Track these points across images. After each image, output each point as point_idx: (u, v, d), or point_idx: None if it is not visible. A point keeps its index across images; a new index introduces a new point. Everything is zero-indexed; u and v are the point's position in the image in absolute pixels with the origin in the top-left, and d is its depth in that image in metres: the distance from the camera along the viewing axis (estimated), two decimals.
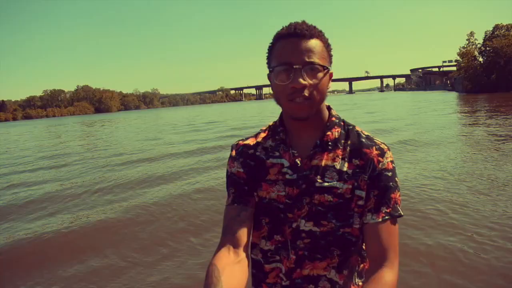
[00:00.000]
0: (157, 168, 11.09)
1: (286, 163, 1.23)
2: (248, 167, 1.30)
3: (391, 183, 1.19)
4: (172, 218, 6.29)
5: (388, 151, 1.24)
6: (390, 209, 1.18)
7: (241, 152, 1.33)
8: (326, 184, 1.19)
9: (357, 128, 1.28)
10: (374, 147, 1.22)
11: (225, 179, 1.36)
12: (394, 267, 1.14)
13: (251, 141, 1.35)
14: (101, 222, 6.34)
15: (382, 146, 1.24)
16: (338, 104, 53.73)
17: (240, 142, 1.37)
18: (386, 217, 1.16)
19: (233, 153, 1.35)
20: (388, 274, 1.11)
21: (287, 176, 1.23)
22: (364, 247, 1.27)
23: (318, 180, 1.19)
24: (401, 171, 8.18)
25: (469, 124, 17.42)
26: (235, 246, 1.17)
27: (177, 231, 5.76)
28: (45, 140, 28.54)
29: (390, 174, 1.20)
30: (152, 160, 12.89)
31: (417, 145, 11.86)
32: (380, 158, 1.20)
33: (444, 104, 36.54)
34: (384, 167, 1.20)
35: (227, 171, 1.36)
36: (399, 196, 1.20)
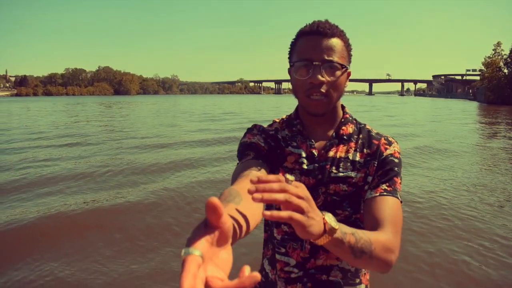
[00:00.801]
0: (170, 155, 11.18)
1: (304, 154, 1.26)
2: (269, 144, 1.30)
3: (395, 168, 1.22)
4: (180, 204, 6.37)
5: (395, 143, 1.28)
6: (391, 188, 1.18)
7: (263, 131, 1.35)
8: (341, 174, 1.22)
9: (368, 127, 1.33)
10: (382, 138, 1.27)
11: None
12: (392, 241, 1.06)
13: (268, 127, 1.38)
14: (110, 202, 6.43)
15: (390, 139, 1.29)
16: (357, 105, 53.29)
17: (259, 125, 1.39)
18: (384, 193, 1.16)
19: (254, 130, 1.35)
20: (382, 235, 1.05)
21: (304, 166, 1.25)
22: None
23: (334, 171, 1.23)
24: (413, 177, 8.14)
25: (488, 136, 17.19)
26: None
27: (184, 216, 5.83)
28: (63, 118, 28.95)
29: (396, 160, 1.23)
30: (166, 146, 13.00)
31: (432, 152, 11.75)
32: (387, 146, 1.25)
33: (464, 113, 36.10)
34: (390, 153, 1.24)
35: (244, 142, 1.32)
36: (400, 184, 1.22)
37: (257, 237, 2.09)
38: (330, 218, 0.88)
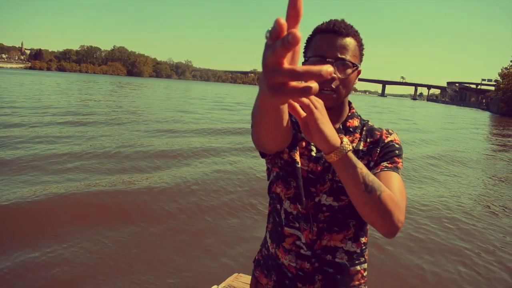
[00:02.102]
0: (178, 142, 11.23)
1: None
2: (291, 119, 1.36)
3: (396, 151, 1.28)
4: (181, 186, 6.48)
5: (395, 134, 1.35)
6: (392, 165, 1.23)
7: None
8: None
9: (370, 123, 1.40)
10: (384, 130, 1.35)
11: (240, 163, 1.33)
12: (399, 201, 1.10)
13: None
14: (112, 183, 6.56)
15: (390, 130, 1.36)
16: (369, 107, 52.93)
17: None
18: (385, 169, 1.21)
19: None
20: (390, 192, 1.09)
21: (313, 153, 1.32)
22: None
23: None
24: (417, 184, 8.14)
25: (498, 147, 17.07)
26: None
27: (184, 199, 5.95)
28: (75, 95, 29.10)
29: (397, 145, 1.30)
30: (174, 132, 13.08)
31: (440, 159, 11.70)
32: (388, 135, 1.33)
33: (477, 123, 35.80)
34: (391, 139, 1.31)
35: None
36: (402, 165, 1.27)
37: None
38: (346, 138, 0.95)
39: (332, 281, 1.31)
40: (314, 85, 0.53)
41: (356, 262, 1.34)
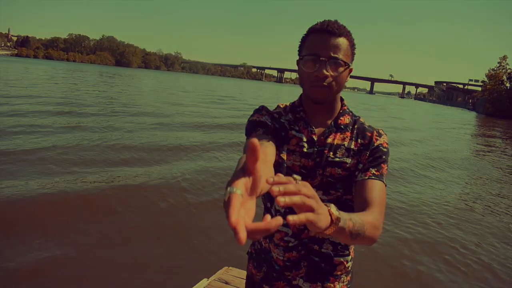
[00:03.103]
0: (164, 134, 11.22)
1: (304, 138, 1.40)
2: (275, 125, 1.43)
3: (383, 156, 1.36)
4: (168, 177, 6.46)
5: (384, 135, 1.43)
6: (378, 173, 1.32)
7: (269, 113, 1.47)
8: (337, 159, 1.36)
9: (361, 119, 1.47)
10: (374, 131, 1.42)
11: (227, 157, 1.36)
12: (378, 220, 1.19)
13: (273, 111, 1.50)
14: (97, 177, 6.52)
15: (380, 131, 1.44)
16: (358, 104, 53.18)
17: (266, 107, 1.50)
18: (373, 177, 1.30)
19: (263, 111, 1.46)
20: (370, 215, 1.18)
21: (304, 149, 1.38)
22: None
23: (331, 156, 1.37)
24: (401, 182, 8.25)
25: (483, 147, 17.32)
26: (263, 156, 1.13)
27: (172, 193, 5.93)
28: (62, 84, 28.84)
29: (384, 150, 1.38)
30: (161, 124, 13.08)
31: (425, 157, 11.87)
32: (378, 138, 1.40)
33: (463, 122, 36.27)
34: (380, 143, 1.38)
35: (254, 120, 1.43)
36: (387, 170, 1.36)
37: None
38: (334, 209, 0.96)
39: (316, 268, 1.40)
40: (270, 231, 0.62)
41: (340, 253, 1.42)
